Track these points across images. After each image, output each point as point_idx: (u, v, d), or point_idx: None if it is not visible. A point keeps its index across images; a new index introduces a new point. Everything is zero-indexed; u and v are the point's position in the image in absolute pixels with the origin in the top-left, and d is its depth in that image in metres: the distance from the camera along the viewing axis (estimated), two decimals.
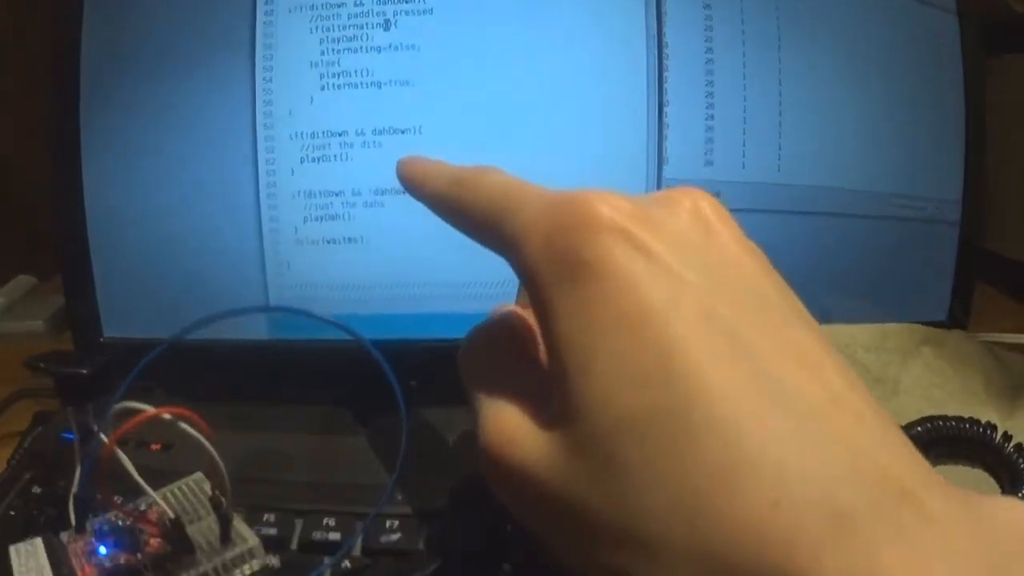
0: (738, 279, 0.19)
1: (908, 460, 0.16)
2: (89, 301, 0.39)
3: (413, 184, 0.25)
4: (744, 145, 0.37)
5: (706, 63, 0.36)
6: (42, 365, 0.37)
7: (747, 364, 0.17)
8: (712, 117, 0.36)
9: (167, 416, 0.22)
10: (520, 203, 0.20)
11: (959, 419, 0.31)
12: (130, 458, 0.24)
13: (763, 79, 0.36)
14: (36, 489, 0.31)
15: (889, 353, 0.34)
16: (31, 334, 0.51)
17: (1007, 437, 0.30)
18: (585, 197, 0.19)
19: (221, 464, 0.23)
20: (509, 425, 0.20)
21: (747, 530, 0.15)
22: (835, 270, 0.19)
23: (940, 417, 0.31)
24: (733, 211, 0.20)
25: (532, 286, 0.19)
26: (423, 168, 0.25)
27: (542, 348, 0.23)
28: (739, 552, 0.15)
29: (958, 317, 0.39)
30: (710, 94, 0.36)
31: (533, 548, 0.20)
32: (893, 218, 0.38)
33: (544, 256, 0.19)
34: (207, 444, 0.22)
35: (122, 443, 0.23)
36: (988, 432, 0.30)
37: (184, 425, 0.22)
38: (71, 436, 0.32)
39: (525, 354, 0.23)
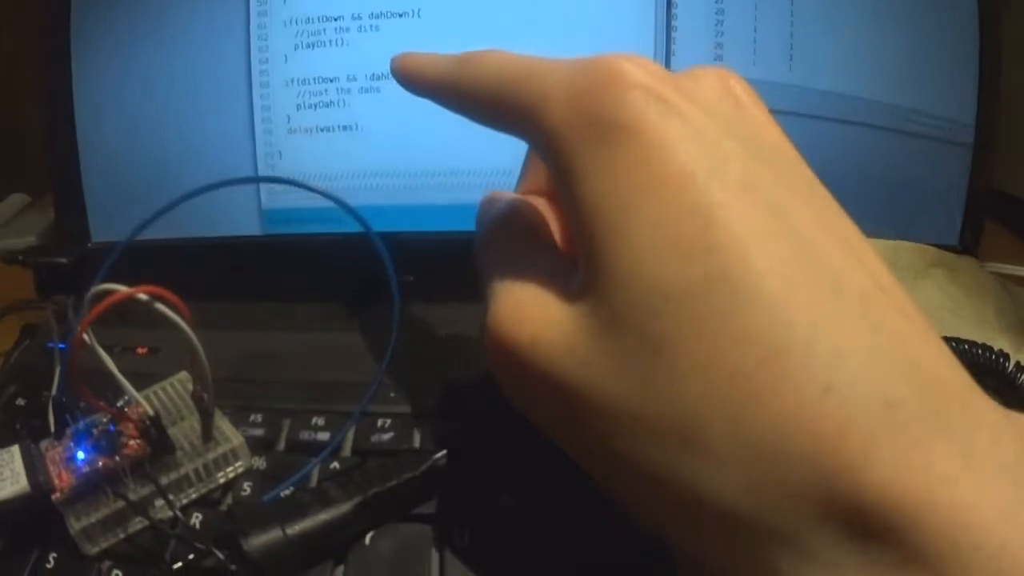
0: (775, 156, 0.18)
1: (953, 363, 0.15)
2: (76, 205, 0.38)
3: (411, 75, 0.23)
4: (755, 42, 0.35)
5: None
6: (20, 257, 0.36)
7: (793, 241, 0.15)
8: (722, 12, 0.35)
9: (143, 296, 0.20)
10: (535, 72, 0.19)
11: (972, 343, 0.30)
12: (115, 363, 0.22)
13: None
14: (20, 402, 0.30)
15: (901, 271, 0.33)
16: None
17: (1020, 368, 0.29)
18: (613, 57, 0.17)
19: (200, 348, 0.22)
20: (522, 300, 0.18)
21: (796, 417, 0.14)
22: (844, 180, 0.18)
23: (953, 339, 0.30)
24: None
25: (556, 152, 0.18)
26: (420, 58, 0.23)
27: (557, 231, 0.22)
28: (787, 442, 0.14)
29: (969, 243, 0.38)
30: None
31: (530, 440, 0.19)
32: (905, 132, 0.36)
33: (570, 118, 0.17)
34: (184, 325, 0.21)
35: (107, 348, 0.22)
36: (1001, 360, 0.29)
37: (161, 306, 0.21)
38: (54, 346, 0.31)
39: (541, 239, 0.21)
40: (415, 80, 0.23)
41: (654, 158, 0.16)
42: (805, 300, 0.14)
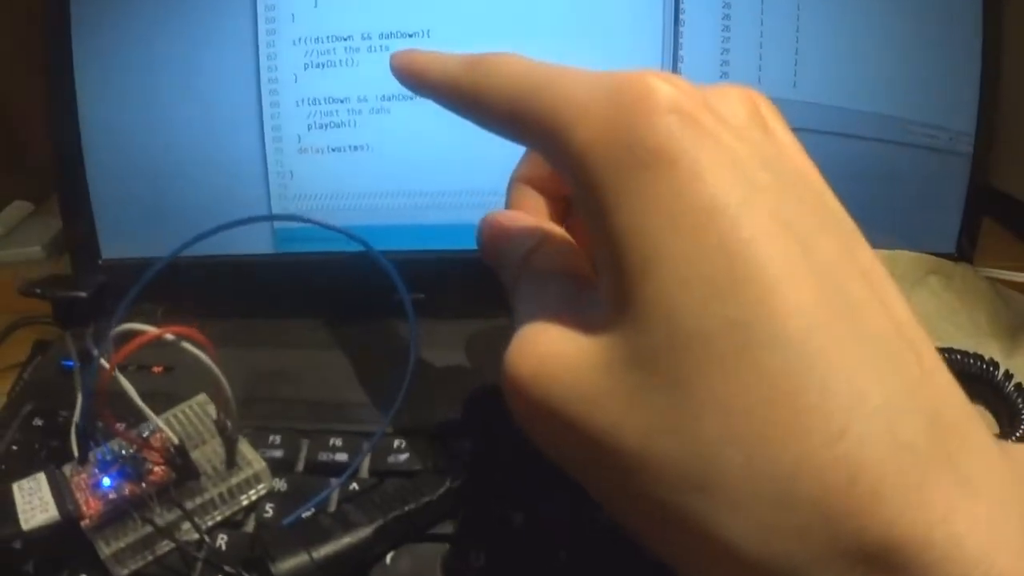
0: (803, 185, 0.17)
1: (959, 397, 0.16)
2: (86, 222, 0.38)
3: (413, 74, 0.22)
4: (760, 59, 0.35)
5: None
6: (38, 291, 0.36)
7: (819, 279, 0.15)
8: (728, 29, 0.35)
9: (170, 337, 0.21)
10: (555, 83, 0.18)
11: (964, 353, 0.31)
12: (131, 382, 0.23)
13: None
14: (37, 421, 0.30)
15: (897, 280, 0.34)
16: (29, 260, 0.51)
17: (1008, 376, 0.30)
18: (643, 75, 0.16)
19: (226, 385, 0.23)
20: (531, 336, 0.18)
21: (808, 463, 0.14)
22: (844, 192, 0.19)
23: (946, 349, 0.31)
24: None
25: (586, 173, 0.17)
26: (423, 57, 0.22)
27: (572, 256, 0.21)
28: (798, 486, 0.14)
29: (965, 251, 0.38)
30: (727, 4, 0.35)
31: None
32: (906, 144, 0.37)
33: (600, 141, 0.16)
34: (212, 364, 0.22)
35: (123, 367, 0.23)
36: (990, 369, 0.30)
37: (188, 345, 0.21)
38: (71, 364, 0.31)
39: (557, 269, 0.21)
40: (418, 79, 0.22)
41: (687, 189, 0.15)
42: (824, 343, 0.14)
